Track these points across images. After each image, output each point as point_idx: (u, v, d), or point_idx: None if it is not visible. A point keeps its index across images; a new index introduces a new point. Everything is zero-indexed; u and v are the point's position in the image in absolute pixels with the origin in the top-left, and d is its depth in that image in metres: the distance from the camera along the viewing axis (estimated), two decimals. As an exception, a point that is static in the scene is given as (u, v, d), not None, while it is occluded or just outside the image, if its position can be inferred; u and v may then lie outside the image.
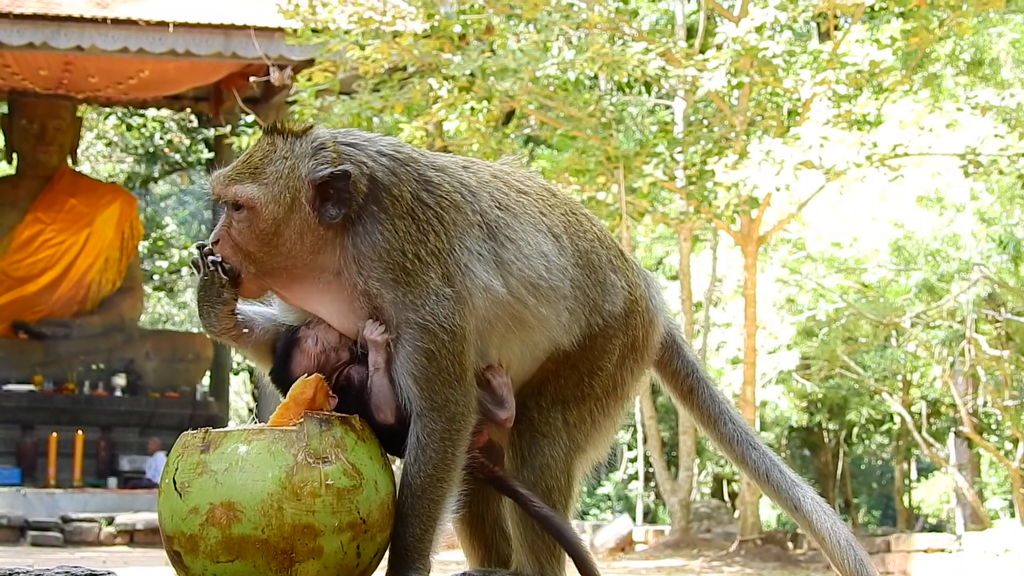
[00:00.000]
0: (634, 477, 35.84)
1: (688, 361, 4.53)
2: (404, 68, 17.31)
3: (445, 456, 3.86)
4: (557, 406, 4.15)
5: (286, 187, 3.91)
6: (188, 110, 29.32)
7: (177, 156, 34.95)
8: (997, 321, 21.42)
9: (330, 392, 3.94)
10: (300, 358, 4.04)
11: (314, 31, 17.23)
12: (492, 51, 17.37)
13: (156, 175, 35.81)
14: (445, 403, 3.86)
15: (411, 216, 3.89)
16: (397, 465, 3.96)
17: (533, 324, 4.04)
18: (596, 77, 22.33)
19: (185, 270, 36.46)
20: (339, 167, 3.87)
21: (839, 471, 34.11)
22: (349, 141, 3.98)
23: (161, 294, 38.04)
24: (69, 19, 20.48)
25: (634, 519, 31.71)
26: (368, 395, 3.95)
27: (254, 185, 3.92)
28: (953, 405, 24.50)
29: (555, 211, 4.20)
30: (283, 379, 4.07)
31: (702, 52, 17.78)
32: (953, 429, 27.62)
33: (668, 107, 21.54)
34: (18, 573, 4.11)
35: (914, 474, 36.20)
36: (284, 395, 4.01)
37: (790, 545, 18.99)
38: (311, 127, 4.02)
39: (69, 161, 26.65)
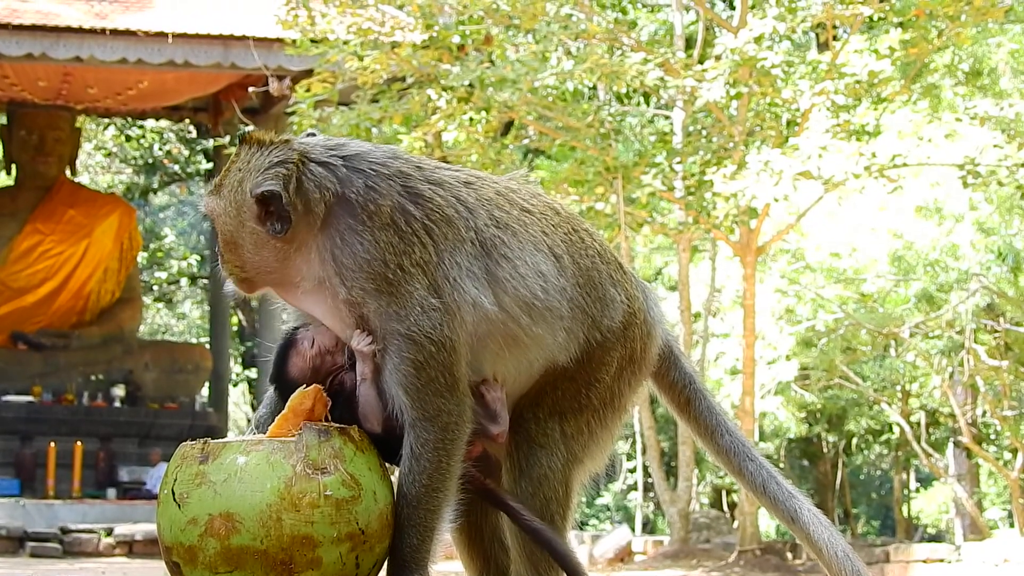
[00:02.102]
0: (633, 487, 35.77)
1: (686, 372, 4.53)
2: (403, 79, 17.30)
3: (439, 466, 3.86)
4: (554, 418, 4.14)
5: (233, 200, 3.95)
6: (187, 121, 29.30)
7: (176, 167, 34.95)
8: (996, 331, 21.41)
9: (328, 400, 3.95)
10: (296, 360, 4.05)
11: (313, 41, 17.22)
12: (491, 62, 17.37)
13: (155, 186, 35.81)
14: (437, 413, 3.85)
15: (393, 228, 3.86)
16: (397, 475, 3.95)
17: (527, 343, 4.02)
18: (595, 87, 22.32)
19: (184, 281, 36.49)
20: (268, 187, 3.84)
21: (838, 481, 34.04)
22: (322, 159, 3.94)
23: (160, 305, 38.02)
24: (68, 30, 20.45)
25: (633, 529, 31.63)
26: (356, 403, 3.95)
27: (214, 197, 3.99)
28: (952, 415, 24.47)
29: (558, 231, 4.17)
30: (280, 380, 4.07)
31: (701, 63, 17.77)
32: (952, 439, 27.60)
33: (667, 117, 21.52)
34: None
35: (913, 484, 36.14)
36: (282, 397, 4.01)
37: (789, 556, 18.95)
38: (287, 141, 3.98)
39: (68, 172, 26.60)
